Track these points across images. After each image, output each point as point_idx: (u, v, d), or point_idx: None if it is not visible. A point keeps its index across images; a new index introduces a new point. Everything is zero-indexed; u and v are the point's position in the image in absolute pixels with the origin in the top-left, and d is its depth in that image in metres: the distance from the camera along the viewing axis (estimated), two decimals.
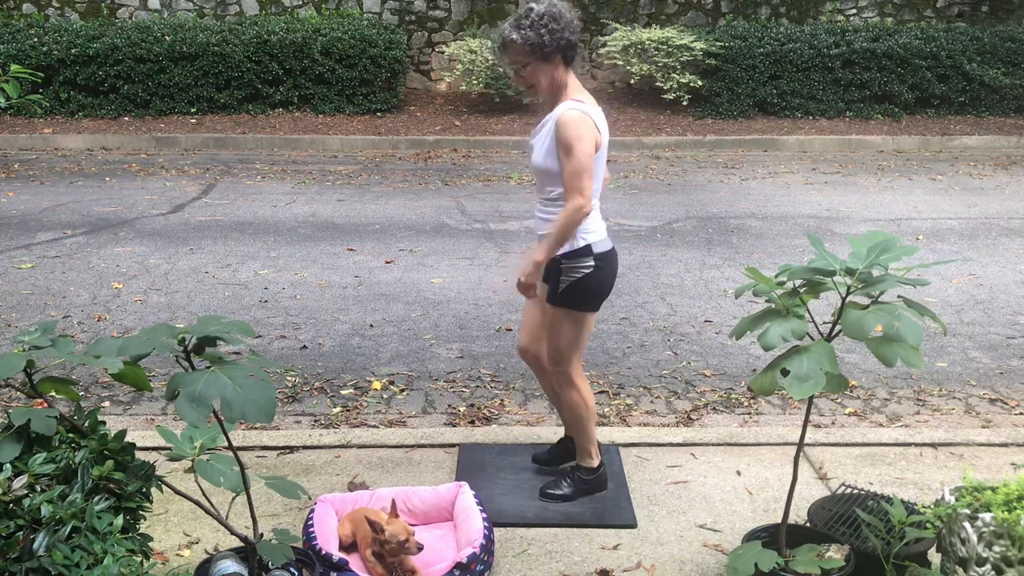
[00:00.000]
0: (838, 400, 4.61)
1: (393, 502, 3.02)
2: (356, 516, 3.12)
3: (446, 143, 10.91)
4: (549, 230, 3.17)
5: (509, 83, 11.43)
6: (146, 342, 2.30)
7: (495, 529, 3.21)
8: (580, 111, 3.11)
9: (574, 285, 3.23)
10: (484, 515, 3.15)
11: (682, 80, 11.48)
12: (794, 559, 2.72)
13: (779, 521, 2.86)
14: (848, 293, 2.52)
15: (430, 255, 6.80)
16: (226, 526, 2.52)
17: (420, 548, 2.93)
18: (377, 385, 4.72)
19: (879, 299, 2.52)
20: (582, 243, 3.20)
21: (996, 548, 2.57)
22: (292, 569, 2.62)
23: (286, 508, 3.44)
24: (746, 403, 4.56)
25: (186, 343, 2.33)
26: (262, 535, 2.60)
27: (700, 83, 11.59)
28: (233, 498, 2.62)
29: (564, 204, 3.14)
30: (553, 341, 3.34)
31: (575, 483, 3.51)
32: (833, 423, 4.35)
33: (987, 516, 2.59)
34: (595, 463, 3.53)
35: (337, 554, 2.96)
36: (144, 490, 2.52)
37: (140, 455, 2.61)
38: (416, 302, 5.88)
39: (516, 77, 3.21)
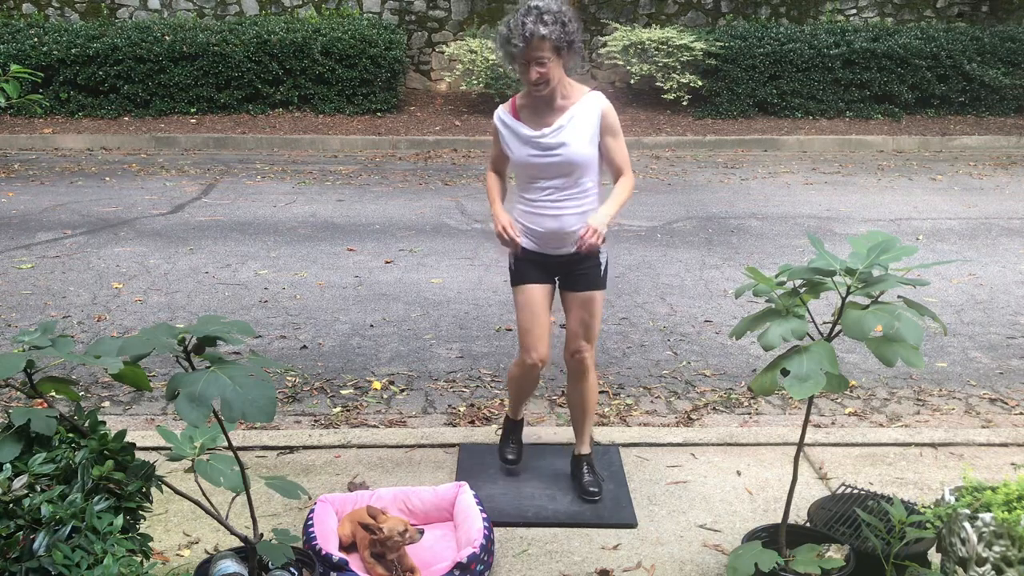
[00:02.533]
0: (838, 400, 4.61)
1: (368, 507, 3.02)
2: (356, 516, 3.12)
3: (446, 143, 10.92)
4: (611, 197, 3.32)
5: (511, 82, 11.42)
6: (146, 342, 2.30)
7: (495, 529, 3.21)
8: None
9: (606, 267, 3.50)
10: (484, 515, 3.15)
11: (682, 80, 11.48)
12: (794, 559, 2.72)
13: (779, 521, 2.86)
14: (848, 293, 2.52)
15: (430, 255, 6.81)
16: (226, 526, 2.52)
17: (421, 532, 2.95)
18: (377, 385, 4.72)
19: (879, 299, 2.52)
20: None
21: (996, 548, 2.57)
22: (292, 569, 2.62)
23: (286, 508, 3.44)
24: (746, 403, 4.56)
25: (186, 343, 2.33)
26: (262, 535, 2.60)
27: (700, 83, 11.59)
28: (233, 498, 2.62)
29: (593, 193, 3.37)
30: (596, 325, 3.50)
31: (595, 468, 3.63)
32: (833, 423, 4.35)
33: (987, 516, 2.59)
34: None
35: (337, 554, 2.96)
36: (144, 490, 2.52)
37: (140, 455, 2.61)
38: (416, 302, 5.88)
39: (533, 71, 3.16)
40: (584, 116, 3.26)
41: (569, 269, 3.42)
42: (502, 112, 3.41)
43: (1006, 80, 11.99)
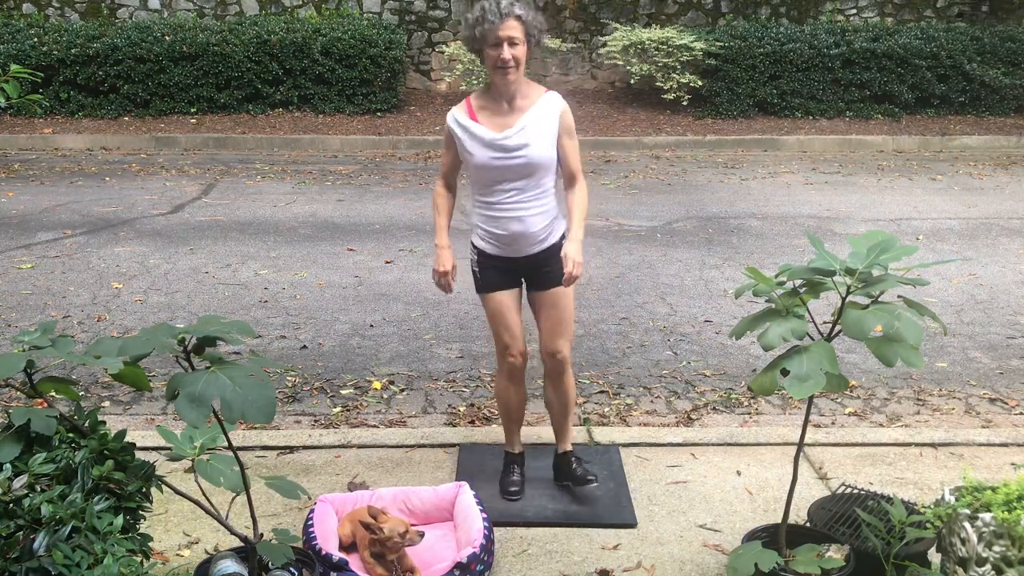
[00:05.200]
0: (838, 400, 4.61)
1: (369, 507, 3.01)
2: (356, 516, 3.12)
3: None
4: (574, 216, 3.31)
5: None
6: (146, 342, 2.30)
7: (495, 529, 3.21)
8: None
9: None
10: (484, 515, 3.15)
11: (682, 80, 11.48)
12: (794, 559, 2.72)
13: (779, 521, 2.86)
14: (848, 293, 2.52)
15: (430, 255, 6.76)
16: (226, 526, 2.52)
17: (422, 535, 2.95)
18: (377, 385, 4.72)
19: (879, 299, 2.52)
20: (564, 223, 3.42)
21: (996, 548, 2.57)
22: (292, 569, 2.62)
23: (286, 508, 3.44)
24: (746, 403, 4.56)
25: (186, 343, 2.33)
26: (262, 535, 2.60)
27: (700, 83, 11.59)
28: (233, 498, 2.62)
29: (552, 192, 3.34)
30: (569, 320, 3.45)
31: (581, 460, 3.62)
32: (833, 423, 4.35)
33: (987, 516, 2.59)
34: None
35: (337, 554, 2.96)
36: (144, 490, 2.52)
37: (140, 455, 2.61)
38: (416, 302, 5.88)
39: (506, 50, 3.14)
40: (545, 117, 3.25)
41: (535, 270, 3.40)
42: (458, 115, 3.33)
43: (1006, 80, 11.99)
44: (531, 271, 3.41)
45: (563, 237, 3.38)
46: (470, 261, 3.49)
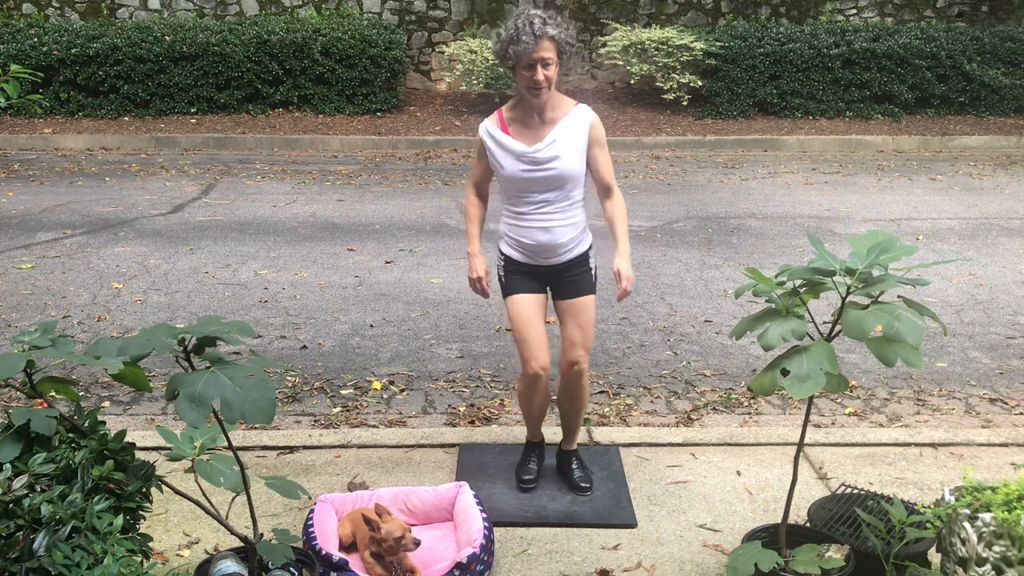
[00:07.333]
0: (838, 400, 4.61)
1: (377, 505, 3.02)
2: (356, 516, 3.12)
3: (446, 143, 10.91)
4: (618, 230, 3.39)
5: (510, 82, 11.42)
6: (146, 342, 2.29)
7: (495, 529, 3.21)
8: None
9: (595, 272, 3.50)
10: (484, 515, 3.15)
11: (682, 80, 11.48)
12: (794, 559, 2.72)
13: (779, 521, 2.86)
14: (848, 293, 2.52)
15: (430, 255, 6.80)
16: (226, 526, 2.52)
17: (417, 543, 2.94)
18: (377, 385, 4.72)
19: (879, 299, 2.52)
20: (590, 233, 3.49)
21: (996, 548, 2.57)
22: (292, 569, 2.62)
23: (286, 508, 3.44)
24: (746, 403, 4.56)
25: (186, 343, 2.33)
26: (262, 535, 2.60)
27: (700, 83, 11.59)
28: (233, 498, 2.62)
29: (581, 204, 3.38)
30: (590, 331, 3.45)
31: (584, 462, 3.66)
32: (833, 423, 4.35)
33: (987, 516, 2.59)
34: None
35: (337, 554, 2.96)
36: (144, 490, 2.52)
37: (140, 455, 2.61)
38: (416, 302, 5.88)
39: (539, 72, 3.15)
40: (575, 130, 3.28)
41: (560, 278, 3.43)
42: (490, 127, 3.36)
43: (1006, 80, 11.99)
44: (556, 279, 3.44)
45: (590, 248, 3.45)
46: (497, 267, 3.53)
